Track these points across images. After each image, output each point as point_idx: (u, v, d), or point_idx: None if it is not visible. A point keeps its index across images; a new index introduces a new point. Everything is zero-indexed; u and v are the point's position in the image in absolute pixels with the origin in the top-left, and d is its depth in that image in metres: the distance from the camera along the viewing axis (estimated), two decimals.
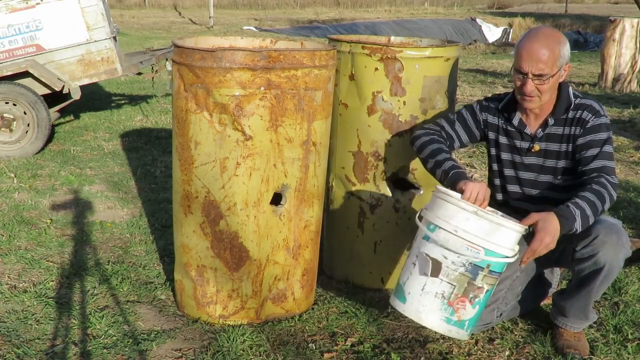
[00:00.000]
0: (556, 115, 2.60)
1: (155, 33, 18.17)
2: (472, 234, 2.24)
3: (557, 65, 2.49)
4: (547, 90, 2.53)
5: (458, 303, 2.28)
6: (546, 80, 2.49)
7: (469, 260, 2.25)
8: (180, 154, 2.73)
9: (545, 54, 2.47)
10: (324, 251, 3.35)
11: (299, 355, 2.63)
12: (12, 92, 5.48)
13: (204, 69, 2.55)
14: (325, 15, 25.44)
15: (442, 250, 2.27)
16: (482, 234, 2.24)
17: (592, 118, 2.55)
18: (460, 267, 2.26)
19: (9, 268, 3.39)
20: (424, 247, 2.32)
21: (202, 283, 2.81)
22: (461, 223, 2.25)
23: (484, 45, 17.20)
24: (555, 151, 2.63)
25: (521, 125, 2.67)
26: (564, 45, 2.51)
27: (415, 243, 2.41)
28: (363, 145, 3.05)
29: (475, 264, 2.25)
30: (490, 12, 26.76)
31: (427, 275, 2.29)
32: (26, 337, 2.70)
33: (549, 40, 2.49)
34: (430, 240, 2.31)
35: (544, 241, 2.28)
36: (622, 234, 2.47)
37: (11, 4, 5.40)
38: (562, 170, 2.64)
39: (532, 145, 2.66)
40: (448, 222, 2.27)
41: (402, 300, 2.37)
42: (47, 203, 4.40)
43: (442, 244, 2.27)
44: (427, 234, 2.33)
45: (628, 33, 9.39)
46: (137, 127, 6.83)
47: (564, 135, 2.61)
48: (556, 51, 2.48)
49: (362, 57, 2.96)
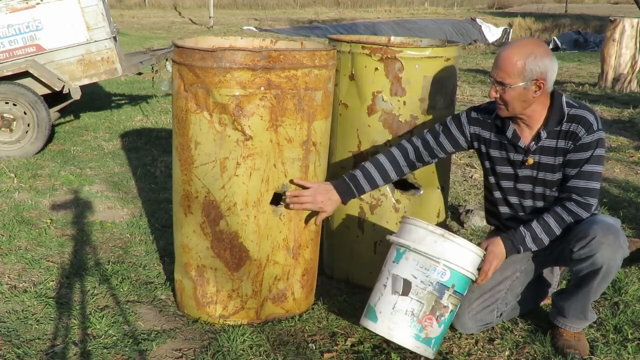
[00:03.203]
0: (549, 127, 2.56)
1: (155, 33, 18.18)
2: (439, 256, 2.42)
3: (521, 77, 2.45)
4: (512, 101, 2.50)
5: (426, 320, 2.43)
6: (507, 90, 2.48)
7: (436, 279, 2.42)
8: (180, 154, 2.73)
9: (508, 64, 2.46)
10: (324, 251, 3.35)
11: (299, 355, 2.63)
12: (12, 92, 5.49)
13: (204, 69, 2.55)
14: (325, 15, 25.45)
15: (411, 271, 2.45)
16: (449, 255, 2.43)
17: (584, 135, 2.51)
18: (428, 286, 2.42)
19: (9, 268, 3.39)
20: (395, 268, 2.49)
21: (202, 283, 2.81)
22: (429, 245, 2.44)
23: (484, 45, 17.22)
24: (550, 164, 2.61)
25: (515, 138, 2.64)
26: (536, 59, 2.43)
27: (385, 267, 2.56)
28: (363, 145, 3.05)
29: (441, 284, 2.42)
30: (490, 12, 26.77)
31: (399, 293, 2.45)
32: (26, 337, 2.70)
33: (520, 50, 2.45)
34: (400, 262, 2.48)
35: (492, 263, 2.55)
36: (619, 234, 2.47)
37: (11, 4, 5.41)
38: (557, 182, 2.63)
39: (526, 158, 2.63)
40: (417, 245, 2.45)
41: (373, 320, 2.49)
42: (47, 203, 4.40)
43: (412, 265, 2.45)
44: (397, 257, 2.50)
45: (628, 33, 9.39)
46: (137, 127, 6.83)
47: (557, 149, 2.58)
48: (519, 64, 2.43)
49: (362, 57, 2.96)
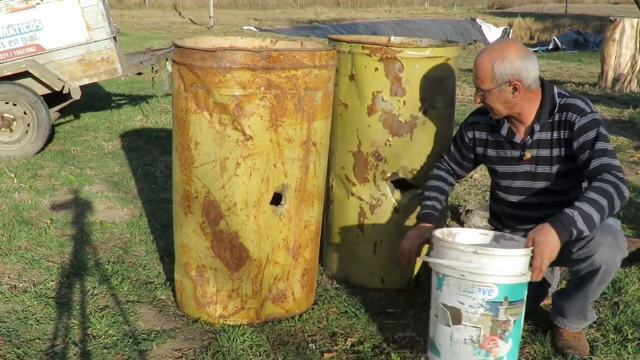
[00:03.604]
0: (541, 120, 2.58)
1: (155, 33, 18.17)
2: (479, 274, 2.19)
3: (494, 82, 2.49)
4: (494, 105, 2.55)
5: (489, 343, 2.23)
6: (486, 94, 2.54)
7: (485, 299, 2.20)
8: (180, 154, 2.73)
9: (479, 69, 2.53)
10: (324, 251, 3.35)
11: (299, 355, 2.63)
12: (12, 92, 5.49)
13: (204, 69, 2.55)
14: (325, 15, 25.44)
15: (456, 297, 2.23)
16: (489, 270, 2.19)
17: (578, 118, 2.52)
18: (479, 309, 2.21)
19: (9, 268, 3.39)
20: (440, 297, 2.29)
21: (202, 283, 2.81)
22: (465, 266, 2.21)
23: (484, 46, 17.19)
24: (547, 157, 2.62)
25: (510, 135, 2.66)
26: (504, 62, 2.46)
27: (432, 294, 2.36)
28: (363, 145, 3.05)
29: (492, 302, 2.20)
30: (490, 12, 26.77)
31: (450, 324, 2.25)
32: (26, 337, 2.70)
33: (489, 56, 2.50)
34: (442, 289, 2.27)
35: (544, 255, 2.25)
36: (618, 234, 2.46)
37: (11, 4, 5.41)
38: (556, 175, 2.63)
39: (523, 154, 2.65)
40: (453, 268, 2.23)
41: (437, 354, 2.33)
42: (47, 203, 4.40)
43: (454, 292, 2.23)
44: (439, 284, 2.29)
45: (628, 33, 9.39)
46: (137, 127, 6.83)
47: (553, 140, 2.59)
48: (489, 68, 2.48)
49: (362, 57, 2.96)
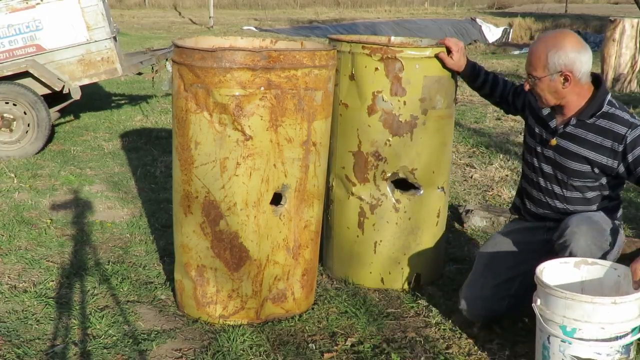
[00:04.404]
0: (582, 117, 2.60)
1: (155, 33, 18.17)
2: (618, 323, 2.21)
3: (546, 70, 2.53)
4: (543, 93, 2.59)
5: None
6: (536, 82, 2.58)
7: (620, 344, 2.23)
8: (180, 154, 2.73)
9: (533, 57, 2.57)
10: (324, 251, 3.35)
11: (299, 355, 2.63)
12: (12, 92, 5.48)
13: (204, 69, 2.55)
14: (325, 15, 25.43)
15: (593, 348, 2.23)
16: (627, 316, 2.22)
17: (629, 131, 2.53)
18: (615, 355, 2.24)
19: (9, 268, 3.39)
20: (569, 349, 2.26)
21: (202, 283, 2.81)
22: (604, 317, 2.20)
23: (484, 45, 17.21)
24: (573, 153, 2.63)
25: (549, 117, 2.71)
26: (559, 52, 2.51)
27: (551, 344, 2.31)
28: (363, 145, 3.05)
29: (626, 345, 2.24)
30: (490, 12, 26.75)
31: None
32: (26, 337, 2.70)
33: (545, 44, 2.55)
34: (573, 342, 2.24)
35: None
36: (593, 224, 2.49)
37: (11, 4, 5.41)
38: (573, 171, 2.65)
39: (551, 138, 2.69)
40: (590, 321, 2.21)
41: None
42: (47, 203, 4.40)
43: (591, 343, 2.23)
44: (566, 338, 2.26)
45: (628, 33, 9.38)
46: (137, 127, 6.83)
47: (586, 141, 2.60)
48: (543, 56, 2.53)
49: (362, 57, 2.96)
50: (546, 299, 2.30)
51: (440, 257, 3.35)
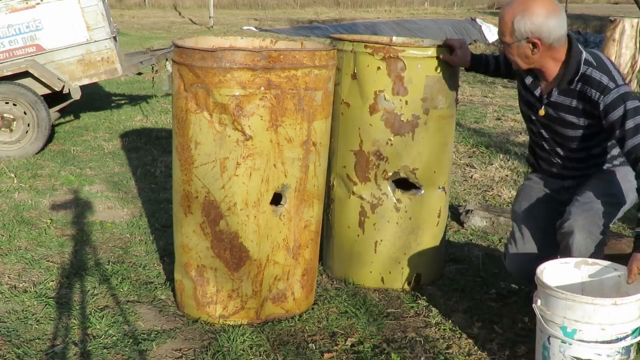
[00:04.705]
0: (562, 85, 2.57)
1: (155, 33, 18.16)
2: (618, 324, 2.20)
3: (514, 37, 2.49)
4: (514, 58, 2.55)
5: None
6: (506, 48, 2.54)
7: (620, 346, 2.22)
8: (180, 154, 2.73)
9: (501, 23, 2.54)
10: (324, 251, 3.35)
11: (299, 355, 2.62)
12: (12, 92, 5.48)
13: (204, 69, 2.55)
14: (325, 15, 25.43)
15: (593, 349, 2.23)
16: (627, 318, 2.21)
17: (601, 97, 2.46)
18: (616, 356, 2.23)
19: (9, 268, 3.39)
20: (569, 350, 2.25)
21: (202, 283, 2.81)
22: (604, 318, 2.19)
23: (484, 45, 17.19)
24: (561, 119, 2.62)
25: (533, 86, 2.68)
26: (524, 19, 2.43)
27: (551, 345, 2.31)
28: (365, 144, 3.05)
29: (626, 347, 2.24)
30: (490, 12, 26.74)
31: None
32: (26, 337, 2.70)
33: (512, 10, 2.48)
34: (574, 343, 2.24)
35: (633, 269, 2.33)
36: (590, 217, 2.51)
37: (11, 4, 5.40)
38: (569, 137, 2.65)
39: (539, 107, 2.68)
40: (590, 322, 2.21)
41: None
42: (47, 203, 4.40)
43: (592, 344, 2.22)
44: (566, 339, 2.26)
45: (628, 33, 9.38)
46: (137, 127, 6.83)
47: (571, 108, 2.57)
48: (509, 23, 2.48)
49: (364, 56, 2.96)
50: (547, 299, 2.30)
51: (440, 257, 3.35)
